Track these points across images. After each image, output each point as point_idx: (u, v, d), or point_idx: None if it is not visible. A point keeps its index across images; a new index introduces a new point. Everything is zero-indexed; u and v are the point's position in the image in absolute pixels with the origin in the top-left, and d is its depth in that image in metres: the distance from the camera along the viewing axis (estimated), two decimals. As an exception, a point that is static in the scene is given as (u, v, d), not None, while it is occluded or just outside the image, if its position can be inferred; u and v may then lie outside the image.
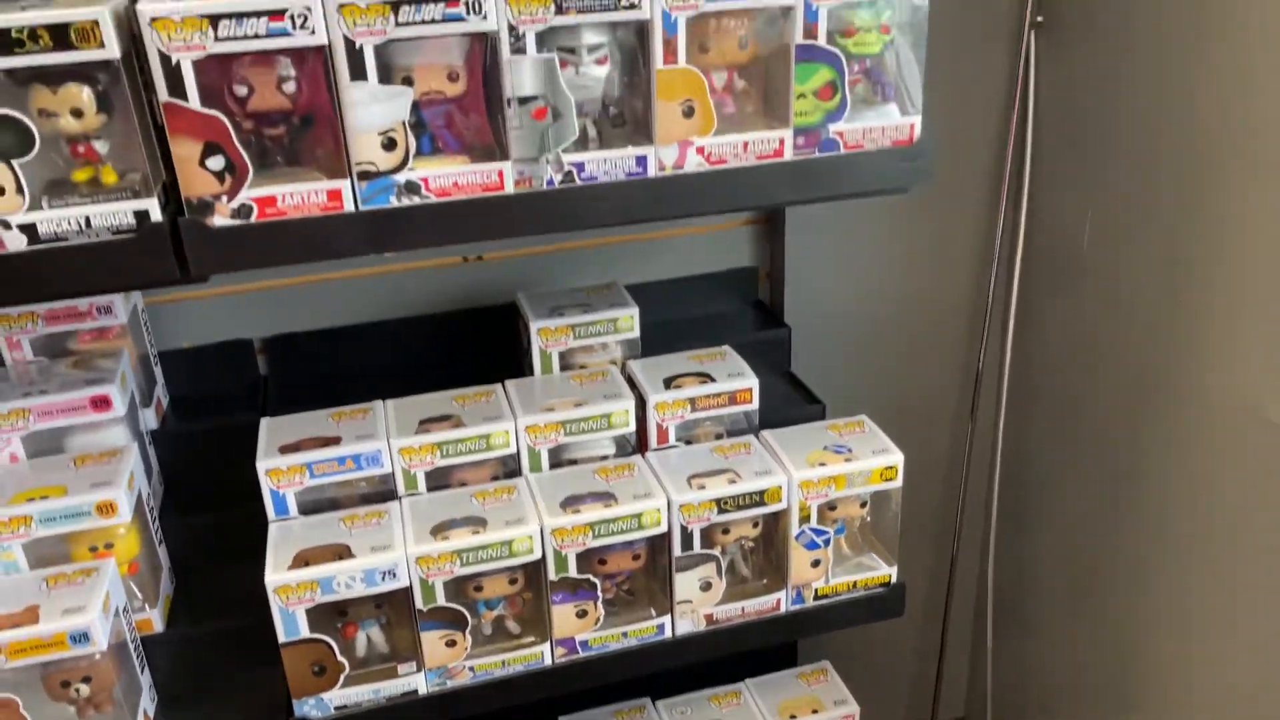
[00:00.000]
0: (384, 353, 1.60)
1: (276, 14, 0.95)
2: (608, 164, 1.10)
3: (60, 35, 0.90)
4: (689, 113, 1.11)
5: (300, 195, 1.02)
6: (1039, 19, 1.64)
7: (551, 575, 1.25)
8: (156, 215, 0.98)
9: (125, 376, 1.33)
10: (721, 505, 1.29)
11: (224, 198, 1.00)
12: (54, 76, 0.94)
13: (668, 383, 1.40)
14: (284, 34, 0.96)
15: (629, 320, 1.47)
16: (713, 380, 1.40)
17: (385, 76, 1.02)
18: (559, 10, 1.03)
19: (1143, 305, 1.58)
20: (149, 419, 1.43)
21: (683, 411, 1.38)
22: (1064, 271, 1.72)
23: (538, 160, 1.08)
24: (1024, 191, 1.73)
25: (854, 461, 1.33)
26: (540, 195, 1.09)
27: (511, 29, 1.02)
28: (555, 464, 1.36)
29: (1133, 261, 1.58)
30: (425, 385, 1.40)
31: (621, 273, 1.64)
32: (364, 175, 1.03)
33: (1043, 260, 1.76)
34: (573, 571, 1.26)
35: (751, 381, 1.40)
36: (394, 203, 1.05)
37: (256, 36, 0.95)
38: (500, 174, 1.07)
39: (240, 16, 0.94)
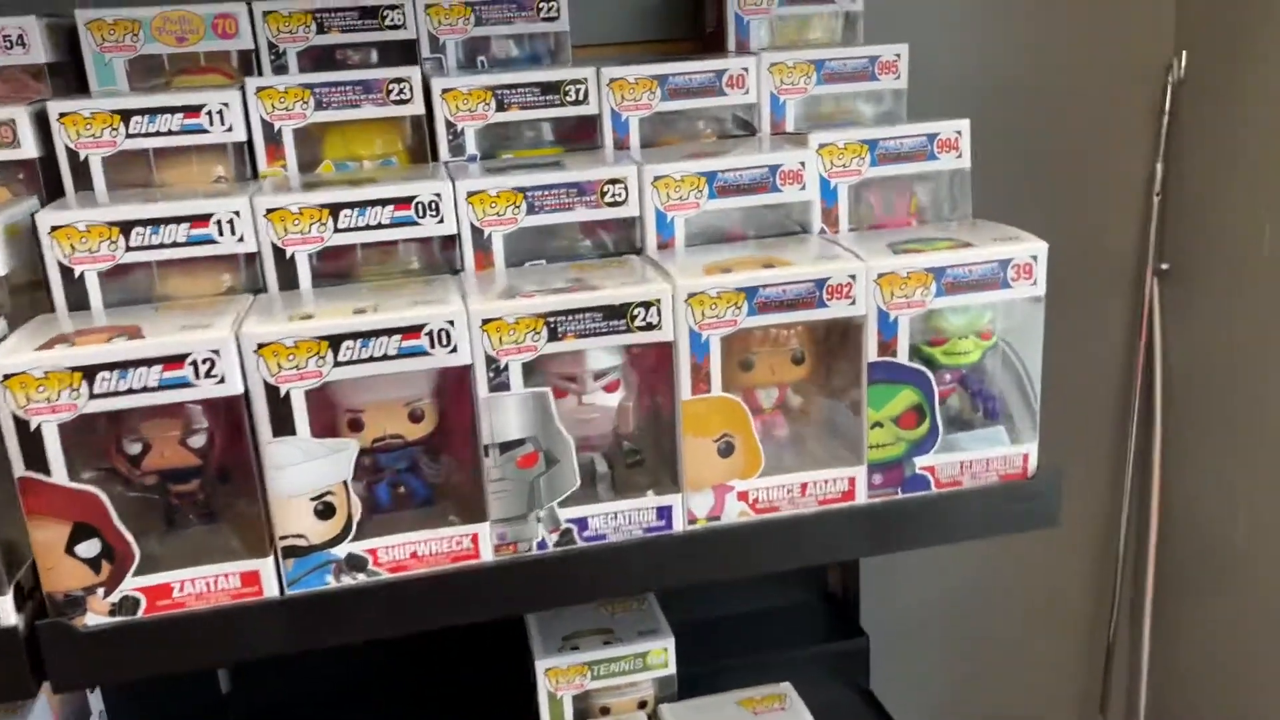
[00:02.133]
0: (364, 667, 1.33)
1: (173, 361, 0.72)
2: (619, 519, 0.84)
3: (-121, 402, 0.68)
4: (727, 450, 0.85)
5: (204, 582, 0.77)
6: (1163, 266, 1.37)
7: None
8: (11, 619, 0.73)
9: (35, 733, 1.07)
10: None
11: (100, 590, 0.75)
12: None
13: (710, 747, 1.09)
14: (184, 384, 0.72)
15: (662, 654, 1.17)
16: (769, 745, 1.09)
17: (324, 419, 0.78)
18: (553, 336, 0.78)
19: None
20: (73, 768, 1.16)
21: (730, 790, 1.07)
22: (1212, 572, 1.38)
23: (525, 519, 0.82)
24: (1154, 470, 1.42)
25: None
26: (529, 564, 0.82)
27: (490, 361, 0.78)
28: None
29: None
30: (410, 711, 1.12)
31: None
32: (291, 551, 0.78)
33: (1184, 555, 1.43)
34: None
35: (819, 750, 1.08)
36: (332, 583, 0.79)
37: (145, 390, 0.72)
38: (474, 539, 0.81)
39: (122, 367, 0.71)
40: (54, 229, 0.79)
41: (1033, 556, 1.50)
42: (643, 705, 1.18)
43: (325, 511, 0.78)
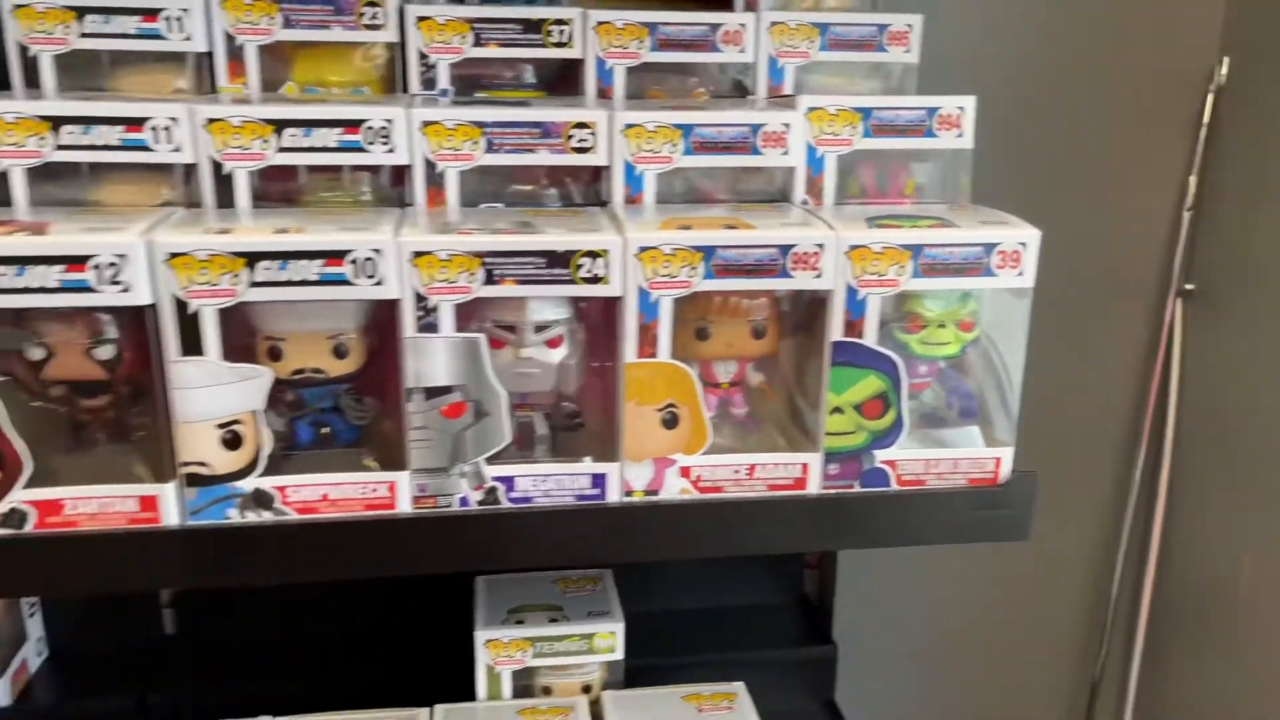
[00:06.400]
0: (312, 613, 1.28)
1: (76, 262, 0.67)
2: (549, 483, 0.78)
3: None
4: (671, 421, 0.79)
5: (99, 502, 0.72)
6: (1188, 286, 1.28)
7: None
8: (-114, 518, 0.70)
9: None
10: None
11: (-14, 499, 0.71)
12: None
13: (647, 739, 1.03)
14: (85, 289, 0.68)
15: (609, 638, 1.11)
16: (707, 744, 1.03)
17: (241, 344, 0.73)
18: (490, 279, 0.73)
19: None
20: (1, 691, 1.13)
21: (660, 786, 1.01)
22: (1210, 622, 1.30)
23: (448, 472, 0.77)
24: (1158, 501, 1.34)
25: None
26: (448, 520, 0.77)
27: (419, 299, 0.73)
28: (478, 839, 0.99)
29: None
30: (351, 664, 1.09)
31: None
32: (194, 480, 0.73)
33: (1181, 596, 1.35)
34: None
35: (759, 755, 1.02)
36: (234, 518, 0.74)
37: (44, 290, 0.68)
38: (392, 488, 0.76)
39: (19, 263, 0.67)
40: (-18, 119, 0.75)
41: (1024, 580, 1.43)
42: (587, 690, 1.13)
43: (232, 441, 0.73)
